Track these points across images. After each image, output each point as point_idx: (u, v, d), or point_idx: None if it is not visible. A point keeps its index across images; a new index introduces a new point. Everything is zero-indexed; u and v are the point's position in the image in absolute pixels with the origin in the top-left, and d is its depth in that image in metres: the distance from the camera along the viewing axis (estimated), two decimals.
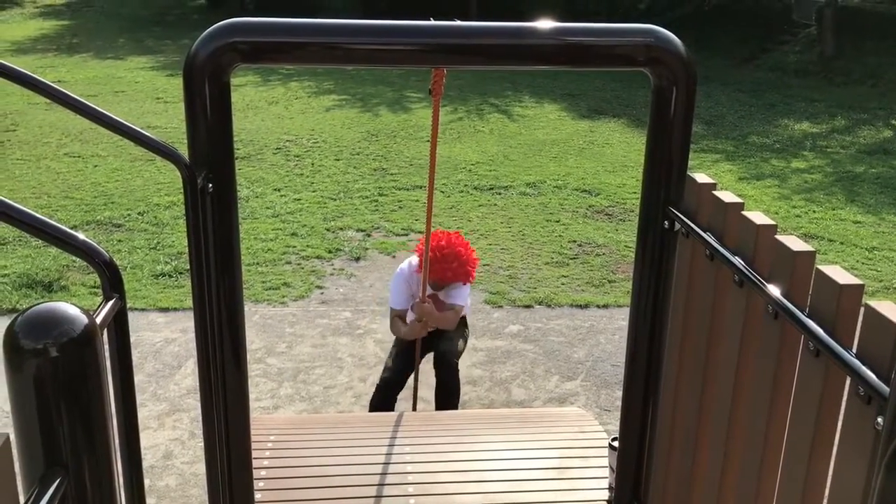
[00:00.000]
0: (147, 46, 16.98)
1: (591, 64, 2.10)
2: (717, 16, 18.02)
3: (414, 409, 3.93)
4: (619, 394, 2.77)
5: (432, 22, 1.92)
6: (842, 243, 6.93)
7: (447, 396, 3.95)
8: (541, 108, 12.27)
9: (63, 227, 1.42)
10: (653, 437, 2.30)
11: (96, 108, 1.94)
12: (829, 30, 16.00)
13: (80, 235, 1.46)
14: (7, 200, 1.35)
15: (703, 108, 12.03)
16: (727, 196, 1.95)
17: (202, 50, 1.80)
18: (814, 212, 7.79)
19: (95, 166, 8.48)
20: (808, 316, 1.55)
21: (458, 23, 1.91)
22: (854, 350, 1.42)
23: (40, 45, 16.93)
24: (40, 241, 6.22)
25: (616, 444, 2.53)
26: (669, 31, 1.98)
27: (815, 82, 14.90)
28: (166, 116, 10.87)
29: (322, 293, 5.61)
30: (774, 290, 1.65)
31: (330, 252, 6.34)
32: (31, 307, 1.06)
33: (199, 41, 1.82)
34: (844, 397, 1.47)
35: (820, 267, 1.57)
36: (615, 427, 2.61)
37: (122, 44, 17.32)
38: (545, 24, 1.88)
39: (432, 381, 4.37)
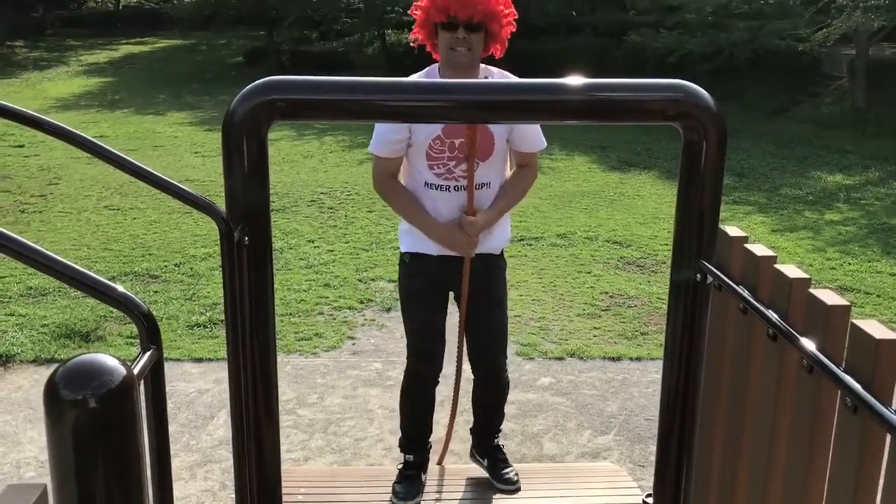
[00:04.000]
0: (186, 102, 17.41)
1: (621, 119, 2.13)
2: (747, 69, 18.06)
3: (440, 462, 3.87)
4: (653, 448, 2.73)
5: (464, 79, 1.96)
6: (878, 296, 6.81)
7: (499, 401, 3.43)
8: (570, 160, 12.32)
9: (103, 280, 1.46)
10: (688, 493, 2.26)
11: (136, 162, 2.01)
12: (860, 81, 15.94)
13: (119, 287, 1.49)
14: (51, 254, 1.39)
15: (734, 160, 11.99)
16: (760, 249, 1.94)
17: (241, 107, 1.85)
18: (849, 264, 7.68)
19: (134, 219, 8.65)
20: (845, 371, 1.53)
21: (490, 79, 1.95)
22: (893, 406, 1.40)
23: (84, 101, 17.44)
24: (79, 292, 6.34)
25: (650, 500, 2.49)
26: (699, 84, 2.00)
27: (848, 134, 14.80)
28: (204, 170, 11.08)
29: (353, 344, 5.62)
30: (809, 345, 1.63)
31: (362, 303, 6.36)
32: (71, 358, 1.09)
33: (237, 98, 1.86)
34: (885, 455, 1.44)
35: (856, 321, 1.55)
36: (649, 483, 2.56)
37: (162, 100, 17.78)
38: (576, 80, 1.91)
39: (463, 433, 4.33)
